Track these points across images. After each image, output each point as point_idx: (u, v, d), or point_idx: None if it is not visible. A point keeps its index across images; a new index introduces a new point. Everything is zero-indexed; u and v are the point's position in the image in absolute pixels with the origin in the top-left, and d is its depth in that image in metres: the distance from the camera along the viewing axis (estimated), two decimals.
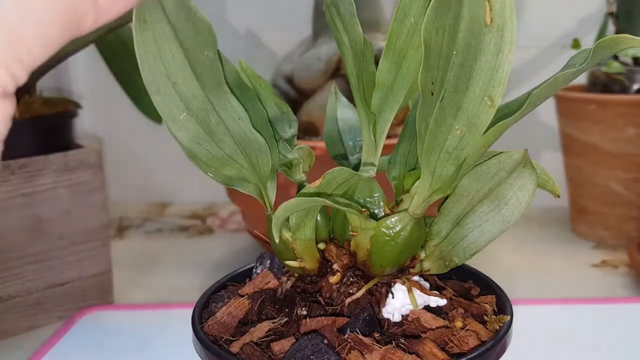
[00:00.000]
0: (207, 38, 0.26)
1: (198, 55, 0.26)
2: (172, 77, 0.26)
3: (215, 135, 0.29)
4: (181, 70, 0.26)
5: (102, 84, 0.86)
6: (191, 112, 0.27)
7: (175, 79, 0.26)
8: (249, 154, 0.31)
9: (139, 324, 0.55)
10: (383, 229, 0.30)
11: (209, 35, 0.26)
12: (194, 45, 0.26)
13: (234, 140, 0.30)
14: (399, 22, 0.30)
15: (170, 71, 0.26)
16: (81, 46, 0.57)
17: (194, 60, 0.26)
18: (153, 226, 0.87)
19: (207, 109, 0.28)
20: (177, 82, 0.26)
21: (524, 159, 0.29)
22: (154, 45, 0.25)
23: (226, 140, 0.29)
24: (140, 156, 0.98)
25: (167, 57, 0.26)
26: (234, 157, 0.30)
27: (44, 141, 0.56)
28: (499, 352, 0.30)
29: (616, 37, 0.25)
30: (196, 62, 0.26)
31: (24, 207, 0.54)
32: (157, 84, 0.26)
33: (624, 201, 0.72)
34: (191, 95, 0.27)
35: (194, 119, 0.28)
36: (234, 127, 0.29)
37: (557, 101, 0.76)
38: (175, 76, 0.26)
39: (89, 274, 0.59)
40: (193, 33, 0.25)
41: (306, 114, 0.67)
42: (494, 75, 0.25)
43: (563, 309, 0.56)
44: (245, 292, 0.34)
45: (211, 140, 0.29)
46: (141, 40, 0.25)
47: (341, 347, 0.29)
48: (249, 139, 0.30)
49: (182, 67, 0.26)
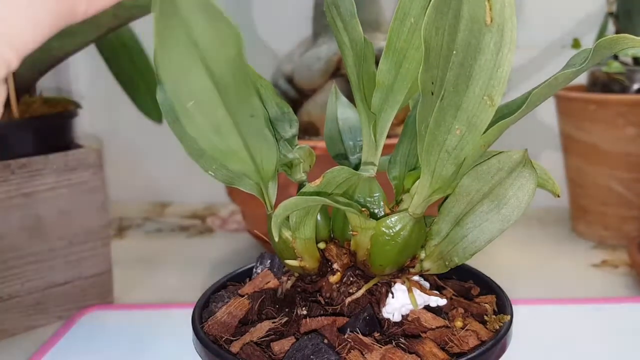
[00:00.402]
0: (227, 38, 0.26)
1: (218, 54, 0.26)
2: (185, 67, 0.26)
3: (221, 128, 0.29)
4: (194, 63, 0.26)
5: (102, 84, 0.86)
6: (200, 104, 0.28)
7: (190, 76, 0.26)
8: (254, 152, 0.31)
9: (139, 324, 0.55)
10: (383, 229, 0.31)
11: (232, 37, 0.26)
12: (212, 43, 0.26)
13: (240, 136, 0.30)
14: (399, 22, 0.30)
15: (184, 67, 0.26)
16: (81, 46, 0.57)
17: (210, 57, 0.26)
18: (153, 226, 0.87)
19: (216, 104, 0.28)
20: (190, 79, 0.27)
21: (524, 159, 0.29)
22: (175, 44, 0.26)
23: (232, 135, 0.29)
24: (140, 156, 0.98)
25: (182, 57, 0.26)
26: (238, 153, 0.30)
27: (44, 141, 0.56)
28: (499, 352, 0.30)
29: (616, 37, 0.25)
30: (212, 59, 0.26)
31: (24, 207, 0.54)
32: (170, 73, 0.26)
33: (624, 201, 0.72)
34: (201, 88, 0.27)
35: (202, 110, 0.28)
36: (243, 123, 0.29)
37: (557, 101, 0.76)
38: (189, 67, 0.26)
39: (89, 274, 0.59)
40: (215, 32, 0.26)
41: (306, 113, 0.67)
42: (494, 74, 0.25)
43: (563, 309, 0.56)
44: (245, 292, 0.34)
45: (216, 132, 0.29)
46: (161, 31, 0.25)
47: (341, 347, 0.29)
48: (258, 137, 0.30)
49: (195, 62, 0.26)
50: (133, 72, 0.75)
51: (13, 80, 0.56)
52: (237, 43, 0.26)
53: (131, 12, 0.53)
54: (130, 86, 0.76)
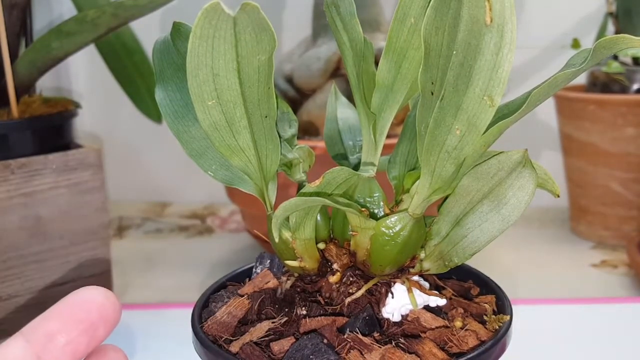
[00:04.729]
0: (265, 46, 0.27)
1: (251, 59, 0.27)
2: (215, 69, 0.27)
3: (234, 126, 0.29)
4: (226, 66, 0.27)
5: (102, 84, 0.86)
6: (221, 101, 0.28)
7: (218, 71, 0.27)
8: (261, 152, 0.31)
9: (139, 324, 0.55)
10: (383, 229, 0.31)
11: (268, 43, 0.27)
12: (250, 51, 0.27)
13: (251, 135, 0.30)
14: (399, 22, 0.30)
15: (215, 64, 0.27)
16: (81, 46, 0.57)
17: (243, 60, 0.27)
18: (153, 226, 0.87)
19: (236, 103, 0.28)
20: (218, 74, 0.27)
21: (524, 159, 0.29)
22: (210, 45, 0.26)
23: (244, 134, 0.30)
24: (140, 156, 0.98)
25: (217, 55, 0.27)
26: (245, 151, 0.30)
27: (43, 141, 0.56)
28: (499, 352, 0.30)
29: (616, 37, 0.25)
30: (245, 62, 0.27)
31: (24, 207, 0.54)
32: (197, 70, 0.27)
33: (623, 201, 0.72)
34: (227, 87, 0.27)
35: (221, 108, 0.28)
36: (257, 123, 0.30)
37: (557, 101, 0.76)
38: (218, 69, 0.27)
39: (89, 273, 0.59)
40: (255, 42, 0.26)
41: (306, 113, 0.67)
42: (494, 75, 0.25)
43: (562, 309, 0.56)
44: (245, 292, 0.34)
45: (229, 129, 0.29)
46: (199, 34, 0.25)
47: (341, 347, 0.29)
48: (267, 137, 0.30)
49: (229, 66, 0.27)
50: (133, 72, 0.75)
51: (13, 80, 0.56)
52: (271, 49, 0.27)
53: (131, 12, 0.53)
54: (130, 86, 0.76)
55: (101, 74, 0.78)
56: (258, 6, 0.25)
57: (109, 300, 0.24)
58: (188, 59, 0.26)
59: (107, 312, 0.24)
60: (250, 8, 0.24)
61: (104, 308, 0.24)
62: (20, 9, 0.59)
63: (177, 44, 0.33)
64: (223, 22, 0.25)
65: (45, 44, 0.55)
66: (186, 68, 0.27)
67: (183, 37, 0.33)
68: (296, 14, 0.82)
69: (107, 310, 0.24)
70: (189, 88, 0.27)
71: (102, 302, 0.24)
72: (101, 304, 0.24)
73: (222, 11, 0.24)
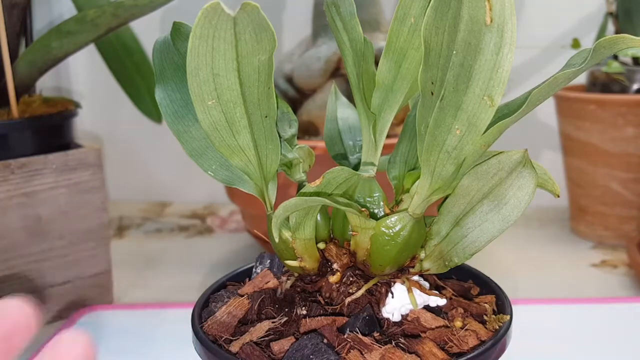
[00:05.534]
0: (265, 46, 0.27)
1: (251, 59, 0.27)
2: (215, 69, 0.27)
3: (234, 126, 0.29)
4: (226, 66, 0.27)
5: (102, 84, 0.86)
6: (221, 101, 0.28)
7: (218, 71, 0.27)
8: (261, 151, 0.31)
9: (139, 324, 0.55)
10: (383, 229, 0.31)
11: (268, 43, 0.27)
12: (250, 51, 0.27)
13: (251, 134, 0.30)
14: (399, 22, 0.30)
15: (215, 64, 0.27)
16: (81, 46, 0.57)
17: (243, 60, 0.27)
18: (153, 226, 0.87)
19: (236, 103, 0.28)
20: (218, 74, 0.27)
21: (524, 159, 0.30)
22: (210, 45, 0.26)
23: (244, 133, 0.30)
24: (140, 156, 0.98)
25: (217, 54, 0.27)
26: (245, 151, 0.30)
27: (43, 141, 0.56)
28: (499, 352, 0.30)
29: (616, 37, 0.25)
30: (245, 62, 0.27)
31: (24, 207, 0.54)
32: (197, 69, 0.27)
33: (623, 201, 0.72)
34: (227, 87, 0.28)
35: (221, 108, 0.28)
36: (257, 122, 0.30)
37: (557, 101, 0.76)
38: (218, 68, 0.27)
39: (89, 274, 0.59)
40: (255, 42, 0.26)
41: (306, 113, 0.67)
42: (494, 75, 0.25)
43: (562, 309, 0.56)
44: (245, 292, 0.34)
45: (229, 129, 0.29)
46: (199, 34, 0.25)
47: (341, 347, 0.29)
48: (267, 137, 0.30)
49: (229, 65, 0.27)
50: (133, 72, 0.75)
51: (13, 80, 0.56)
52: (271, 49, 0.27)
53: (131, 12, 0.53)
54: (130, 86, 0.76)
55: (101, 74, 0.78)
56: (258, 6, 0.25)
57: (23, 311, 0.24)
58: (188, 58, 0.26)
59: (21, 322, 0.23)
60: (250, 8, 0.25)
61: (19, 318, 0.23)
62: (21, 9, 0.59)
63: (177, 44, 0.33)
64: (223, 22, 0.25)
65: (45, 44, 0.55)
66: (186, 68, 0.27)
67: (183, 37, 0.33)
68: (296, 14, 0.82)
69: (21, 320, 0.23)
70: (189, 88, 0.27)
71: (17, 313, 0.23)
72: (16, 314, 0.23)
73: (222, 11, 0.24)
